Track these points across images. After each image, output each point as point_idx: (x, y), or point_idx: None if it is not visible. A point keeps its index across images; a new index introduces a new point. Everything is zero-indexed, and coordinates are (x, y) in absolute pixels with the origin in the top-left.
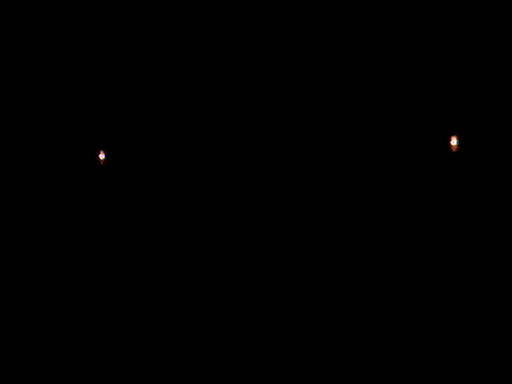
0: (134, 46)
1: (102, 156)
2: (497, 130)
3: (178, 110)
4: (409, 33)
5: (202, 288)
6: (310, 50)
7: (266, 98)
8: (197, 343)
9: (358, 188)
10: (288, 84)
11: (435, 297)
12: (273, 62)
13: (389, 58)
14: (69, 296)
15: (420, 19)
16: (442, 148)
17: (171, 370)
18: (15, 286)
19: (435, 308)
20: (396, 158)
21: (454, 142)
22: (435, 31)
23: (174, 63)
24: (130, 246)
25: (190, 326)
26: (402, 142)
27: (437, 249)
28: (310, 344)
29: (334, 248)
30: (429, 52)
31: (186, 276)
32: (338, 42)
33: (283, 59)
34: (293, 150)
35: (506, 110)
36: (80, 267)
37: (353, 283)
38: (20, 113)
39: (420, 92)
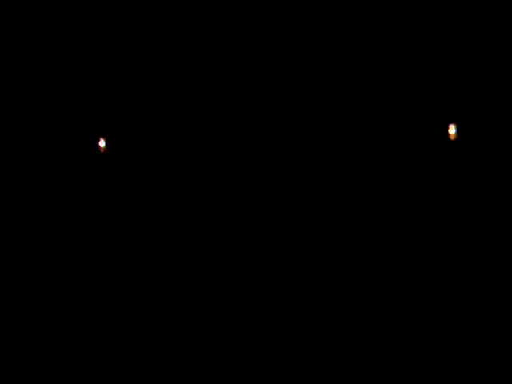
0: (131, 34)
1: (102, 143)
2: (495, 119)
3: (178, 98)
4: (405, 24)
5: (200, 276)
6: (306, 42)
7: (266, 92)
8: (197, 343)
9: (356, 178)
10: (285, 78)
11: (434, 288)
12: (273, 61)
13: (386, 48)
14: (68, 284)
15: (415, 12)
16: (440, 136)
17: (171, 370)
18: (13, 272)
19: (433, 300)
20: (393, 146)
21: (452, 130)
22: (430, 22)
23: (173, 51)
24: (131, 236)
25: (188, 322)
26: (400, 131)
27: (436, 239)
28: (310, 344)
29: (333, 234)
30: (426, 41)
31: (186, 269)
32: (334, 33)
33: (283, 58)
34: (290, 140)
35: (504, 99)
36: (80, 258)
37: (352, 273)
38: (18, 99)
39: (417, 80)
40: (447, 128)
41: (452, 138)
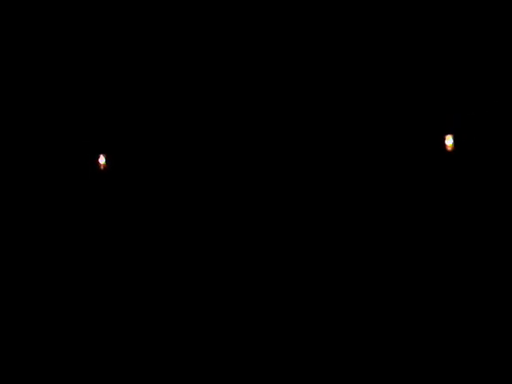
0: (133, 49)
1: (101, 160)
2: (492, 129)
3: (179, 114)
4: (406, 32)
5: (204, 298)
6: (307, 48)
7: (268, 101)
8: (197, 343)
9: (353, 188)
10: (286, 83)
11: (432, 297)
12: (272, 62)
13: (385, 56)
14: (67, 303)
15: (416, 17)
16: (437, 147)
17: (171, 370)
18: (15, 294)
19: (433, 309)
20: (390, 156)
21: (449, 141)
22: (432, 31)
23: (175, 68)
24: (131, 255)
25: (191, 328)
26: (397, 141)
27: (432, 250)
28: (310, 344)
29: (330, 246)
30: (425, 51)
31: (186, 286)
32: (336, 39)
33: (282, 59)
34: (290, 145)
35: (502, 109)
36: (79, 276)
37: (350, 282)
38: (18, 116)
39: (415, 90)
40: (444, 138)
41: (449, 148)
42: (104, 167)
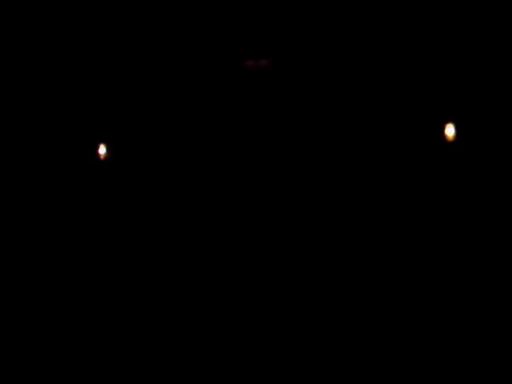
0: (132, 39)
1: (101, 150)
2: (493, 120)
3: (178, 104)
4: (406, 23)
5: (201, 283)
6: (305, 42)
7: (266, 90)
8: (197, 343)
9: (354, 178)
10: (283, 73)
11: (431, 289)
12: (271, 60)
13: (385, 47)
14: (67, 292)
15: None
16: (438, 137)
17: (171, 370)
18: (13, 280)
19: (433, 305)
20: (391, 147)
21: (450, 130)
22: (430, 21)
23: (173, 57)
24: (131, 245)
25: (189, 326)
26: (398, 132)
27: (433, 241)
28: (310, 344)
29: (331, 236)
30: (425, 41)
31: (186, 273)
32: (334, 30)
33: (281, 58)
34: (289, 144)
35: (502, 99)
36: (79, 266)
37: (350, 273)
38: (19, 107)
39: (415, 80)
40: (444, 128)
41: (449, 138)
42: (104, 157)
